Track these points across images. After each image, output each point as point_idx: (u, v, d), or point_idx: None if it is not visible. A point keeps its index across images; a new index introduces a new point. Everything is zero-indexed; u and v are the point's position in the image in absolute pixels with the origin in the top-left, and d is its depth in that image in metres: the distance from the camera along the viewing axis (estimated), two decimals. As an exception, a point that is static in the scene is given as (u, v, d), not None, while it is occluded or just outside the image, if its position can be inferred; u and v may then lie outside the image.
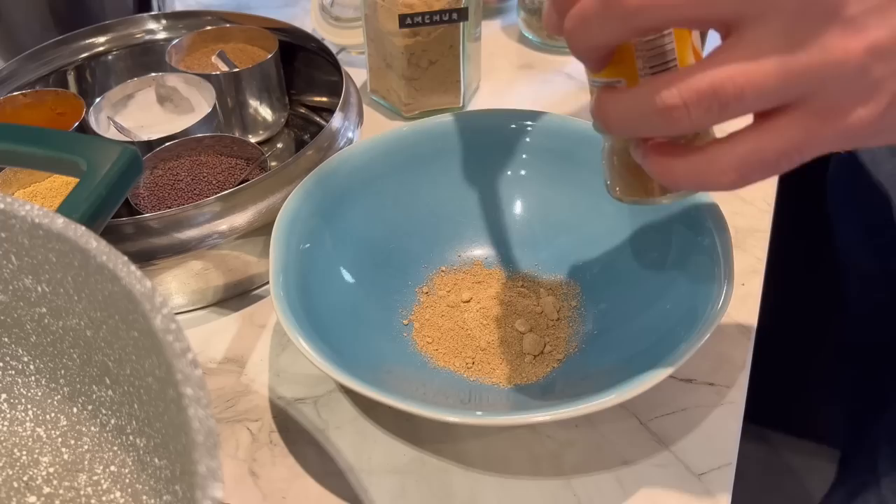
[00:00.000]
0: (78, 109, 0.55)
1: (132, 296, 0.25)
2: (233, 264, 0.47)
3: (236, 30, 0.63)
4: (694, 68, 0.28)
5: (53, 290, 0.30)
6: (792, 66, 0.26)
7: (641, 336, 0.40)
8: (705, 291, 0.39)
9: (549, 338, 0.44)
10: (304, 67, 0.64)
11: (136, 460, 0.31)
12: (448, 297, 0.47)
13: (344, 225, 0.47)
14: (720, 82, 0.27)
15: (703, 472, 0.39)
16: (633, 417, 0.41)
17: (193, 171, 0.52)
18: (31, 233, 0.29)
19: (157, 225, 0.45)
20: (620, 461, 0.39)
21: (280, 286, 0.40)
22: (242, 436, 0.42)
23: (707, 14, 0.27)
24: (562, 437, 0.40)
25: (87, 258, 0.28)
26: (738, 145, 0.28)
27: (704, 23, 0.28)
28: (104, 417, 0.32)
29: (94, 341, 0.30)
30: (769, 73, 0.26)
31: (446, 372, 0.43)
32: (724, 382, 0.43)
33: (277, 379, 0.44)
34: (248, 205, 0.46)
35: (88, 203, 0.32)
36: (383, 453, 0.40)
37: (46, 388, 0.34)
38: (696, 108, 0.27)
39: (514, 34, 0.75)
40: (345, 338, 0.41)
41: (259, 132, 0.62)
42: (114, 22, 0.63)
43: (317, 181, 0.46)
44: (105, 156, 0.33)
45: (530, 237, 0.49)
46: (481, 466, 0.39)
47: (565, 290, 0.46)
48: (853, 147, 0.29)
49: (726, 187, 0.29)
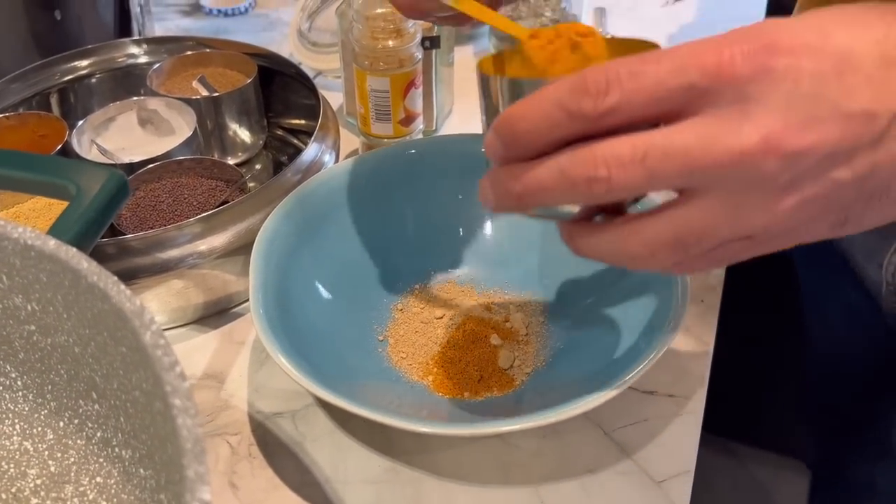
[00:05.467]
0: (60, 132, 0.56)
1: (122, 313, 0.27)
2: (213, 283, 0.49)
3: (216, 55, 0.65)
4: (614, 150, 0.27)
5: (43, 308, 0.32)
6: (700, 156, 0.26)
7: (604, 350, 0.42)
8: (664, 308, 0.41)
9: (518, 352, 0.46)
10: (281, 91, 0.66)
11: (122, 471, 0.32)
12: (422, 313, 0.49)
13: (321, 245, 0.48)
14: (647, 162, 0.26)
15: (663, 480, 0.41)
16: (597, 428, 0.43)
17: (174, 192, 0.54)
18: (23, 254, 0.31)
19: (138, 245, 0.46)
20: (585, 469, 0.41)
21: (259, 304, 0.42)
22: (222, 449, 0.43)
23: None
24: (530, 447, 0.42)
25: (78, 278, 0.29)
26: (649, 223, 0.28)
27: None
28: (90, 430, 0.34)
29: (82, 357, 0.32)
30: (683, 150, 0.26)
31: (419, 386, 0.44)
32: (683, 394, 0.45)
33: (256, 394, 0.46)
34: (228, 226, 0.48)
35: (79, 225, 0.33)
36: (359, 464, 0.42)
37: (34, 403, 0.35)
38: (618, 177, 0.27)
39: (487, 59, 0.77)
40: (322, 354, 0.43)
41: (238, 154, 0.63)
42: (96, 46, 0.65)
43: (295, 202, 0.48)
44: (94, 180, 0.35)
45: (500, 256, 0.51)
46: (453, 476, 0.41)
47: (533, 307, 0.49)
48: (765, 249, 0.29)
49: (637, 265, 0.29)
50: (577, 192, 0.28)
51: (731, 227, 0.27)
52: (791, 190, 0.26)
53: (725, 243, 0.28)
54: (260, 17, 0.87)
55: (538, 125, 0.28)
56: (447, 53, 0.64)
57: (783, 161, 0.25)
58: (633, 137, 0.27)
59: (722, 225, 0.27)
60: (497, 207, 0.31)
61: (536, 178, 0.29)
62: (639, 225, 0.29)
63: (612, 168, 0.27)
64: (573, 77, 0.27)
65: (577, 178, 0.27)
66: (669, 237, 0.28)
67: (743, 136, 0.25)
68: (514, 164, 0.29)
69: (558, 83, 0.28)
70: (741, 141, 0.25)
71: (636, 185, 0.27)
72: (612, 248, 0.30)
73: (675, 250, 0.28)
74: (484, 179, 0.31)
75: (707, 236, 0.28)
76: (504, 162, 0.30)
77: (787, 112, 0.25)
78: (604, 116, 0.27)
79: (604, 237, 0.30)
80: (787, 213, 0.27)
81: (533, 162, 0.29)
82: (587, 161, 0.27)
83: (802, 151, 0.25)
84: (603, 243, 0.30)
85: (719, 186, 0.26)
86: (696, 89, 0.26)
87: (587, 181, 0.27)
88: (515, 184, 0.29)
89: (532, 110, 0.28)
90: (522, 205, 0.30)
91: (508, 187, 0.29)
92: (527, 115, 0.28)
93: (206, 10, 0.87)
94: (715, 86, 0.26)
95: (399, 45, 0.53)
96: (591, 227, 0.31)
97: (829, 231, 0.28)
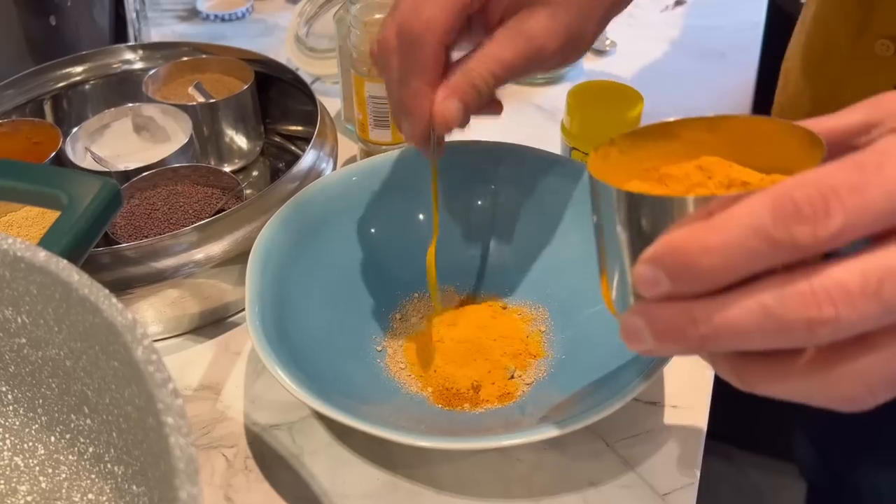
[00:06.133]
0: (54, 139, 0.56)
1: (114, 327, 0.26)
2: (208, 292, 0.48)
3: (213, 61, 0.64)
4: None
5: (34, 321, 0.31)
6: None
7: (607, 361, 0.42)
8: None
9: (518, 363, 0.45)
10: (279, 97, 0.65)
11: (114, 488, 0.32)
12: (420, 323, 0.48)
13: (318, 253, 0.48)
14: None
15: (667, 493, 0.40)
16: (599, 440, 0.42)
17: (170, 200, 0.53)
18: (12, 265, 0.30)
19: (133, 254, 0.46)
20: (588, 482, 0.41)
21: (256, 315, 0.41)
22: (218, 462, 0.42)
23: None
24: (531, 460, 0.42)
25: (69, 291, 0.28)
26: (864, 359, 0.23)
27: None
28: (82, 446, 0.33)
29: (74, 371, 0.31)
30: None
31: (419, 397, 0.44)
32: (686, 405, 0.44)
33: (252, 405, 0.45)
34: (225, 234, 0.47)
35: (70, 236, 0.33)
36: (357, 478, 0.41)
37: (24, 418, 0.34)
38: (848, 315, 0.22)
39: (485, 65, 0.77)
40: (319, 364, 0.42)
41: (235, 161, 0.63)
42: (91, 52, 0.64)
43: (292, 210, 0.47)
44: (86, 189, 0.34)
45: (500, 265, 0.51)
46: (453, 489, 0.40)
47: (534, 317, 0.48)
48: None
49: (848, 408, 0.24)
50: (792, 336, 0.22)
51: None
52: None
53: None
54: (257, 22, 0.86)
55: (729, 260, 0.22)
56: (446, 59, 0.63)
57: None
58: (860, 264, 0.22)
59: None
60: (657, 350, 0.25)
61: (731, 320, 0.23)
62: (853, 363, 0.23)
63: (839, 305, 0.22)
64: (773, 195, 0.22)
65: (791, 320, 0.22)
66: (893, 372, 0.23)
67: None
68: (692, 301, 0.24)
69: (750, 202, 0.22)
70: None
71: (868, 322, 0.22)
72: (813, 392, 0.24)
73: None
74: (633, 316, 0.25)
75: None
76: (667, 298, 0.24)
77: None
78: (825, 244, 0.22)
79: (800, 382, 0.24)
80: None
81: (722, 299, 0.23)
82: (806, 298, 0.22)
83: None
84: (801, 388, 0.24)
85: None
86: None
87: (807, 323, 0.22)
88: (697, 328, 0.23)
89: (718, 240, 0.22)
90: (702, 350, 0.25)
91: (685, 330, 0.24)
92: (711, 247, 0.23)
93: (203, 16, 0.86)
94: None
95: (397, 51, 0.53)
96: (778, 367, 0.24)
97: None
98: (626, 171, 0.30)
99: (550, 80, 0.73)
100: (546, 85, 0.73)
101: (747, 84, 0.72)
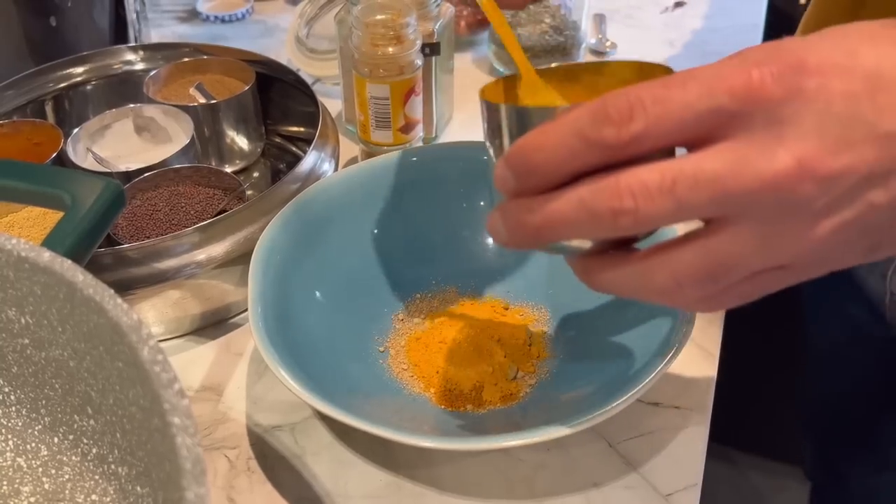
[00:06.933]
0: (55, 140, 0.56)
1: (119, 328, 0.26)
2: (210, 293, 0.48)
3: (214, 61, 0.64)
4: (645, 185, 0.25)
5: (37, 321, 0.31)
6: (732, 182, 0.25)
7: (609, 361, 0.42)
8: (670, 319, 0.41)
9: (521, 363, 0.45)
10: (280, 98, 0.65)
11: (118, 489, 0.31)
12: (423, 323, 0.48)
13: (321, 254, 0.48)
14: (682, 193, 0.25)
15: (669, 493, 0.40)
16: (602, 440, 0.42)
17: (171, 201, 0.53)
18: (16, 266, 0.30)
19: (135, 255, 0.45)
20: (590, 483, 0.41)
21: (258, 315, 0.41)
22: (220, 463, 0.42)
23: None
24: (534, 461, 0.42)
25: (73, 291, 0.28)
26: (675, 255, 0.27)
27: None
28: (86, 447, 0.33)
29: (78, 372, 0.31)
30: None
31: (421, 398, 0.44)
32: (689, 405, 0.44)
33: (255, 406, 0.45)
34: (226, 235, 0.47)
35: (74, 237, 0.33)
36: (359, 479, 0.41)
37: (27, 419, 0.34)
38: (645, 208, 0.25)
39: (486, 66, 0.77)
40: (322, 365, 0.42)
41: (236, 162, 0.63)
42: (92, 53, 0.64)
43: (294, 211, 0.47)
44: (89, 190, 0.34)
45: (502, 265, 0.51)
46: (456, 490, 0.40)
47: (536, 317, 0.48)
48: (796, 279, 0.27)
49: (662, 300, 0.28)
50: (601, 224, 0.26)
51: (764, 257, 0.26)
52: (827, 215, 0.25)
53: (756, 274, 0.26)
54: (258, 23, 0.86)
55: (555, 156, 0.26)
56: (447, 60, 0.63)
57: (819, 185, 0.24)
58: (660, 165, 0.25)
59: (754, 254, 0.26)
60: (510, 242, 0.29)
61: (556, 210, 0.27)
62: (664, 257, 0.27)
63: (638, 199, 0.25)
64: (592, 104, 0.26)
65: (600, 210, 0.26)
66: (698, 269, 0.26)
67: (777, 161, 0.24)
68: (530, 196, 0.28)
69: (576, 110, 0.26)
70: (775, 166, 0.24)
71: (664, 216, 0.25)
72: (636, 282, 0.28)
73: (704, 283, 0.27)
74: (494, 212, 0.29)
75: (738, 267, 0.26)
76: (517, 195, 0.28)
77: (821, 134, 0.24)
78: (628, 145, 0.25)
79: (625, 271, 0.28)
80: (822, 239, 0.25)
81: (551, 194, 0.27)
82: (612, 192, 0.25)
83: (839, 174, 0.24)
84: (625, 277, 0.28)
85: (751, 214, 0.25)
86: (725, 113, 0.25)
87: (612, 213, 0.25)
88: (532, 217, 0.27)
89: (548, 140, 0.26)
90: (539, 239, 0.28)
91: (524, 221, 0.28)
92: (543, 145, 0.26)
93: (204, 17, 0.86)
94: (745, 109, 0.24)
95: (399, 52, 0.53)
96: (610, 260, 0.29)
97: (861, 257, 0.27)
98: (521, 101, 0.34)
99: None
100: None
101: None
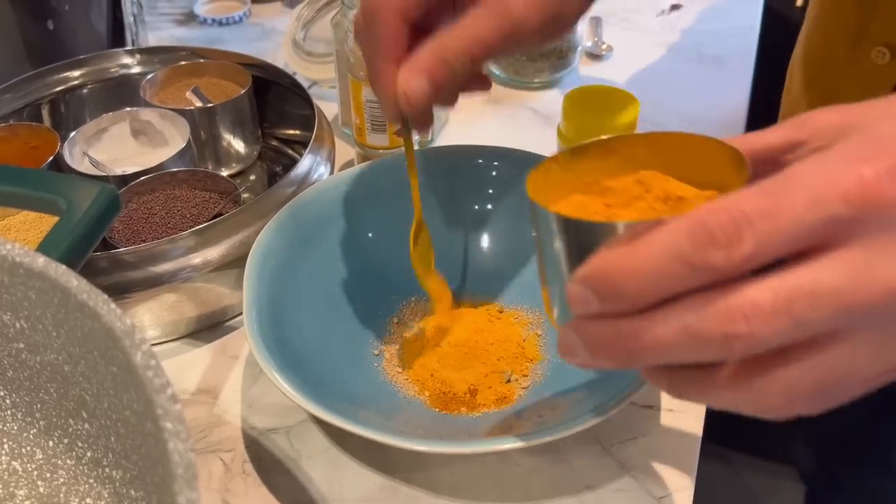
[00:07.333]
0: (52, 143, 0.56)
1: (112, 333, 0.26)
2: (206, 296, 0.48)
3: (210, 65, 0.64)
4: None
5: (32, 326, 0.31)
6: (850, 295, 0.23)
7: (603, 365, 0.42)
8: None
9: (515, 367, 0.45)
10: (276, 101, 0.65)
11: (113, 493, 0.32)
12: (417, 327, 0.48)
13: (316, 257, 0.48)
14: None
15: (663, 496, 0.40)
16: (596, 443, 0.43)
17: (168, 205, 0.53)
18: (11, 271, 0.30)
19: (131, 259, 0.46)
20: (584, 486, 0.41)
21: (253, 319, 0.41)
22: (215, 466, 0.42)
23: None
24: (529, 464, 0.42)
25: (68, 296, 0.28)
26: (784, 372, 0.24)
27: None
28: (80, 450, 0.33)
29: (72, 376, 0.31)
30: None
31: (416, 401, 0.44)
32: (682, 408, 0.44)
33: (250, 409, 0.45)
34: (222, 238, 0.48)
35: (68, 242, 0.33)
36: (355, 482, 0.41)
37: (22, 422, 0.34)
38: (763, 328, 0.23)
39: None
40: (317, 368, 0.42)
41: (232, 165, 0.63)
42: (89, 56, 0.64)
43: (289, 215, 0.47)
44: (84, 195, 0.34)
45: (497, 269, 0.51)
46: (451, 494, 0.41)
47: (530, 320, 0.48)
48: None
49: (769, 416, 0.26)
50: (709, 349, 0.24)
51: (878, 364, 0.24)
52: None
53: (867, 381, 0.25)
54: (254, 26, 0.86)
55: (651, 282, 0.24)
56: (443, 64, 0.63)
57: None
58: (771, 283, 0.23)
59: (869, 364, 0.24)
60: (593, 364, 0.27)
61: (657, 338, 0.24)
62: (773, 378, 0.25)
63: (752, 322, 0.23)
64: (689, 222, 0.24)
65: (710, 337, 0.24)
66: (812, 386, 0.24)
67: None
68: (620, 318, 0.25)
69: (669, 229, 0.24)
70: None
71: (780, 336, 0.23)
72: (741, 403, 0.26)
73: (816, 397, 0.25)
74: (567, 331, 0.27)
75: (853, 378, 0.25)
76: (598, 317, 0.26)
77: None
78: (738, 267, 0.23)
79: (729, 393, 0.26)
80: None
81: (648, 317, 0.25)
82: (722, 317, 0.23)
83: None
84: (727, 398, 0.26)
85: (868, 325, 0.24)
86: (840, 221, 0.23)
87: (724, 338, 0.23)
88: (625, 343, 0.25)
89: (642, 266, 0.24)
90: (630, 364, 0.26)
91: (615, 345, 0.25)
92: (636, 271, 0.24)
93: (201, 20, 0.86)
94: (861, 215, 0.23)
95: (395, 56, 0.53)
96: (707, 378, 0.26)
97: None
98: (568, 186, 0.32)
99: (546, 85, 0.73)
100: (542, 89, 0.73)
101: (743, 88, 0.72)
